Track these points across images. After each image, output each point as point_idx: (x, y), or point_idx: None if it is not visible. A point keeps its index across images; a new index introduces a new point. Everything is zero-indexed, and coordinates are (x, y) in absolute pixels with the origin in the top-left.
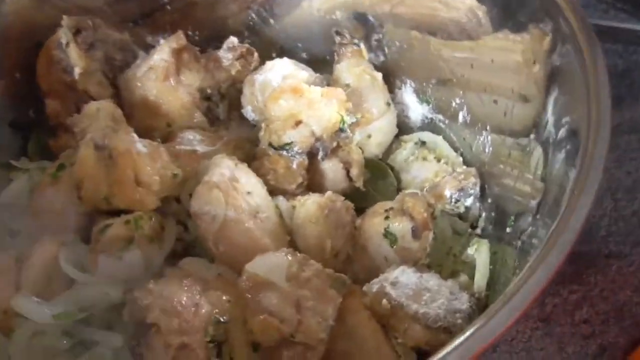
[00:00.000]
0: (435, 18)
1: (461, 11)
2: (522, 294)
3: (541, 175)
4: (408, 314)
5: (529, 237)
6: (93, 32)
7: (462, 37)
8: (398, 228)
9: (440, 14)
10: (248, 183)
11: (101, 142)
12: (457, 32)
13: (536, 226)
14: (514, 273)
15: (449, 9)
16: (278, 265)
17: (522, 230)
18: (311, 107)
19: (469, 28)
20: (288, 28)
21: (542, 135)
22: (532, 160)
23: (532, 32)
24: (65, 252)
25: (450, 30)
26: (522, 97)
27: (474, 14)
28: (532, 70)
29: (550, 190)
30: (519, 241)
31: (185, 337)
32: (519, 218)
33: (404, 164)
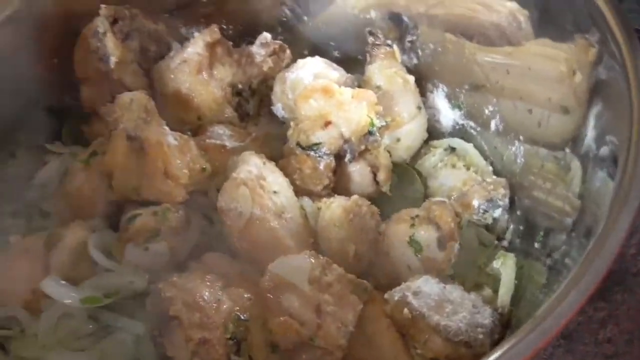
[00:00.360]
0: (474, 20)
1: (502, 15)
2: (554, 317)
3: (578, 192)
4: (429, 325)
5: (562, 255)
6: (130, 22)
7: (501, 42)
8: (423, 237)
9: (479, 17)
10: (275, 182)
11: (133, 133)
12: (497, 36)
13: (570, 245)
14: (541, 291)
15: (489, 12)
16: (301, 268)
17: (554, 248)
18: (341, 108)
19: (509, 33)
20: (321, 26)
21: (580, 149)
22: (568, 175)
23: (577, 42)
24: (94, 238)
25: (489, 34)
26: (561, 109)
27: (515, 18)
28: (574, 81)
29: (587, 209)
30: (549, 259)
31: (206, 332)
32: (550, 234)
33: (432, 170)
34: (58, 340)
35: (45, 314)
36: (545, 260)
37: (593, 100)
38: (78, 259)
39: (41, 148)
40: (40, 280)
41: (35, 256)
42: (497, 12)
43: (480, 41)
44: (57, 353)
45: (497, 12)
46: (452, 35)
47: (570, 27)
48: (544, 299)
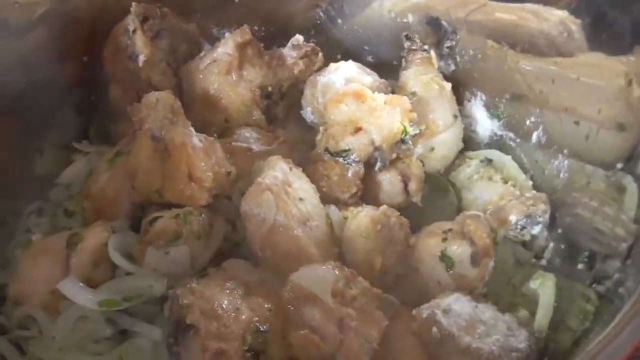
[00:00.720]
0: (523, 29)
1: (551, 23)
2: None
3: (634, 216)
4: (459, 346)
5: (615, 284)
6: (160, 21)
7: (551, 51)
8: (456, 252)
9: (529, 25)
10: (301, 189)
11: (158, 134)
12: (546, 46)
13: (625, 273)
14: (588, 319)
15: (539, 20)
16: (324, 279)
17: (606, 275)
18: (373, 114)
19: (559, 42)
20: (356, 29)
21: (636, 169)
22: (623, 197)
23: (636, 53)
24: (114, 239)
25: (537, 43)
26: (616, 125)
27: (565, 27)
28: (632, 96)
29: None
30: (599, 286)
31: (223, 343)
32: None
33: (466, 182)
34: (75, 343)
35: (63, 316)
36: (594, 287)
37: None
38: (98, 261)
39: (68, 147)
40: (59, 281)
41: (56, 257)
42: (547, 20)
43: (525, 49)
44: (74, 356)
45: (547, 20)
46: (494, 42)
47: (628, 38)
48: (591, 328)
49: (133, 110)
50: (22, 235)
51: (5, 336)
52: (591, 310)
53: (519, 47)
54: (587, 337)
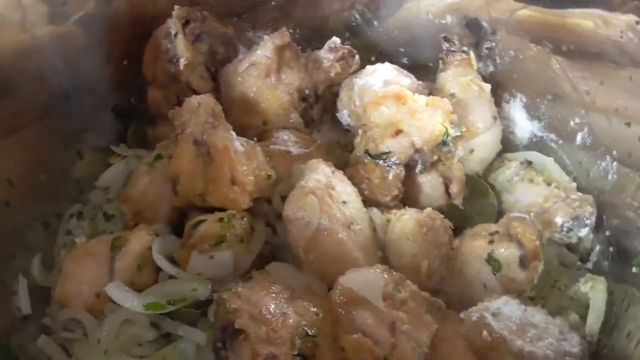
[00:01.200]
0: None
1: (617, 29)
2: None
3: None
4: (511, 350)
5: None
6: (201, 24)
7: (623, 60)
8: (504, 255)
9: (600, 32)
10: (344, 192)
11: (200, 138)
12: (617, 54)
13: None
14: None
15: (606, 26)
16: (374, 283)
17: None
18: (414, 116)
19: (630, 49)
20: (391, 31)
21: None
22: None
23: None
24: (157, 243)
25: (607, 50)
26: None
27: (636, 33)
28: None
29: None
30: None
31: (273, 347)
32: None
33: (506, 184)
34: (120, 346)
35: (109, 319)
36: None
37: None
38: (142, 264)
39: (106, 150)
40: (104, 283)
41: (101, 259)
42: (613, 26)
43: (570, 50)
44: (118, 359)
45: (613, 26)
46: (536, 43)
47: None
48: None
49: (175, 114)
50: (64, 237)
51: (51, 337)
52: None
53: (564, 47)
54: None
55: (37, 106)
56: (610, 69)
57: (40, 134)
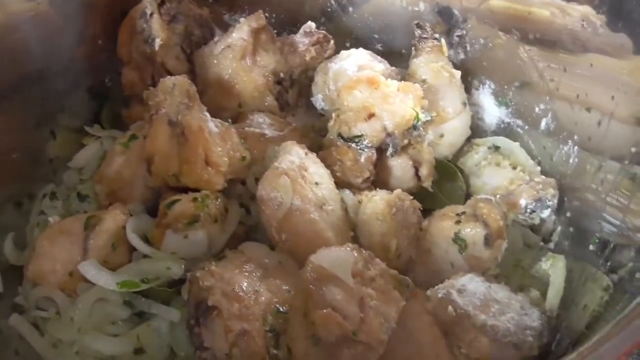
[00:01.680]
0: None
1: (574, 18)
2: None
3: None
4: (475, 324)
5: (630, 273)
6: (176, 5)
7: (576, 47)
8: (470, 234)
9: (556, 21)
10: (317, 173)
11: (174, 119)
12: (570, 41)
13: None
14: (602, 305)
15: (563, 15)
16: (344, 260)
17: (621, 264)
18: (386, 100)
19: (583, 37)
20: (366, 17)
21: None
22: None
23: None
24: (132, 222)
25: (562, 39)
26: (635, 120)
27: (589, 23)
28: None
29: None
30: (614, 275)
31: (245, 323)
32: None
33: (474, 168)
34: (93, 324)
35: (82, 297)
36: (609, 275)
37: None
38: (116, 243)
39: (80, 130)
40: (77, 262)
41: (75, 238)
42: (569, 15)
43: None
44: (92, 337)
45: (569, 15)
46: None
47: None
48: (605, 314)
49: (149, 94)
50: (37, 217)
51: (23, 315)
52: (605, 297)
53: (531, 36)
54: (599, 322)
55: (10, 85)
56: (571, 57)
57: (12, 113)
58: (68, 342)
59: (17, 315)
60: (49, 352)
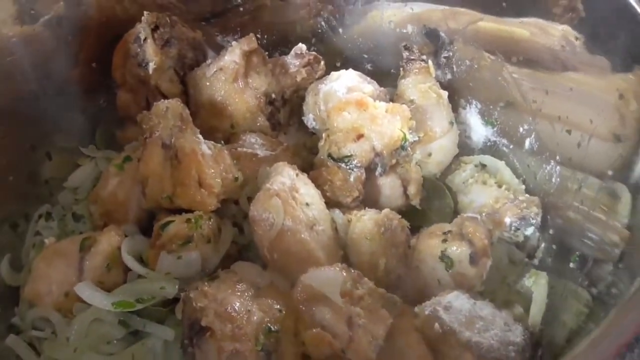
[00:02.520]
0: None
1: (555, 38)
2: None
3: (628, 223)
4: (460, 341)
5: (608, 287)
6: (170, 29)
7: (556, 66)
8: (456, 252)
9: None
10: (307, 194)
11: (168, 142)
12: (551, 60)
13: (618, 277)
14: (582, 319)
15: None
16: (333, 280)
17: (600, 278)
18: (374, 122)
19: (562, 57)
20: (355, 38)
21: (630, 178)
22: (619, 205)
23: (636, 72)
24: (127, 243)
25: (542, 58)
26: (613, 137)
27: (568, 42)
28: (629, 110)
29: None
30: (594, 289)
31: (238, 343)
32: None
33: (462, 186)
34: (89, 344)
35: (78, 318)
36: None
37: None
38: (111, 264)
39: (75, 151)
40: (73, 283)
41: (70, 259)
42: (550, 35)
43: (520, 61)
44: (88, 357)
45: (550, 35)
46: (489, 53)
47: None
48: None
49: (143, 118)
50: (32, 238)
51: (20, 336)
52: (585, 311)
53: (514, 59)
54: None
55: (5, 108)
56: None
57: (8, 135)
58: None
59: (14, 336)
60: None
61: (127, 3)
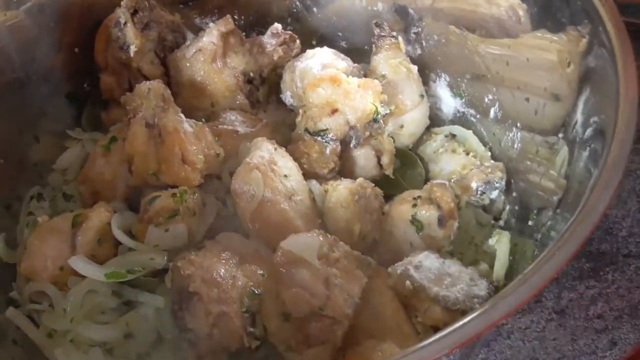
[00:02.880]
0: (476, 14)
1: (502, 8)
2: (538, 276)
3: (565, 173)
4: (429, 295)
5: (548, 230)
6: (149, 13)
7: (501, 34)
8: (425, 216)
9: (480, 10)
10: (285, 166)
11: (151, 121)
12: (497, 29)
13: (556, 220)
14: (529, 263)
15: (490, 6)
16: (310, 245)
17: (543, 224)
18: (348, 97)
19: (508, 26)
20: (330, 17)
21: (569, 134)
22: (557, 158)
23: (569, 34)
24: (116, 219)
25: (489, 27)
26: (553, 96)
27: (514, 12)
28: (566, 71)
29: (572, 187)
30: (539, 234)
31: (224, 306)
32: (540, 212)
33: (433, 155)
34: (85, 314)
35: (73, 290)
36: (536, 237)
37: (582, 88)
38: (102, 239)
39: (61, 134)
40: (67, 258)
41: (63, 235)
42: (498, 5)
43: (482, 34)
44: (84, 326)
45: (498, 5)
46: (456, 27)
47: (564, 20)
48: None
49: (126, 99)
50: (26, 218)
51: (19, 309)
52: (531, 255)
53: (477, 32)
54: None
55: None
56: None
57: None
58: (62, 331)
59: (13, 309)
60: (45, 341)
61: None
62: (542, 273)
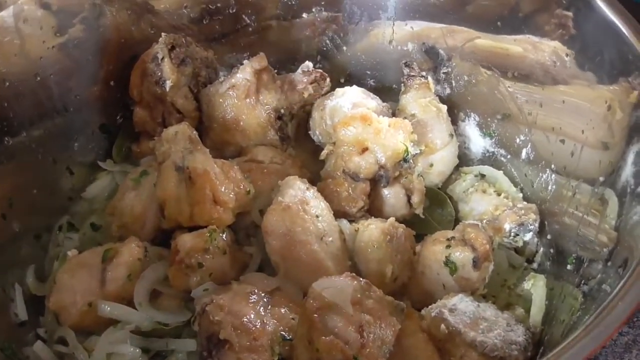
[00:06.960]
0: (517, 59)
1: (545, 53)
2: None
3: (615, 225)
4: (465, 340)
5: (598, 283)
6: (185, 49)
7: (547, 80)
8: (459, 257)
9: (528, 55)
10: (317, 207)
11: (180, 164)
12: (542, 74)
13: (606, 274)
14: (576, 315)
15: (535, 51)
16: (343, 290)
17: (591, 276)
18: (378, 136)
19: (553, 71)
20: (359, 56)
21: (617, 183)
22: (606, 208)
23: (620, 84)
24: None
25: (534, 72)
26: (601, 144)
27: (558, 57)
28: (615, 119)
29: (623, 241)
30: (585, 286)
31: (255, 354)
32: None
33: (462, 195)
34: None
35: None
36: (581, 287)
37: (633, 138)
38: (132, 275)
39: (93, 165)
40: (96, 293)
41: (93, 270)
42: (541, 50)
43: (515, 76)
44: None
45: (541, 50)
46: (486, 69)
47: (613, 69)
48: (578, 321)
49: (155, 144)
50: (54, 249)
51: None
52: (577, 307)
53: (509, 74)
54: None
55: (31, 124)
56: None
57: (32, 151)
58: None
59: (41, 343)
60: None
61: (143, 25)
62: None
